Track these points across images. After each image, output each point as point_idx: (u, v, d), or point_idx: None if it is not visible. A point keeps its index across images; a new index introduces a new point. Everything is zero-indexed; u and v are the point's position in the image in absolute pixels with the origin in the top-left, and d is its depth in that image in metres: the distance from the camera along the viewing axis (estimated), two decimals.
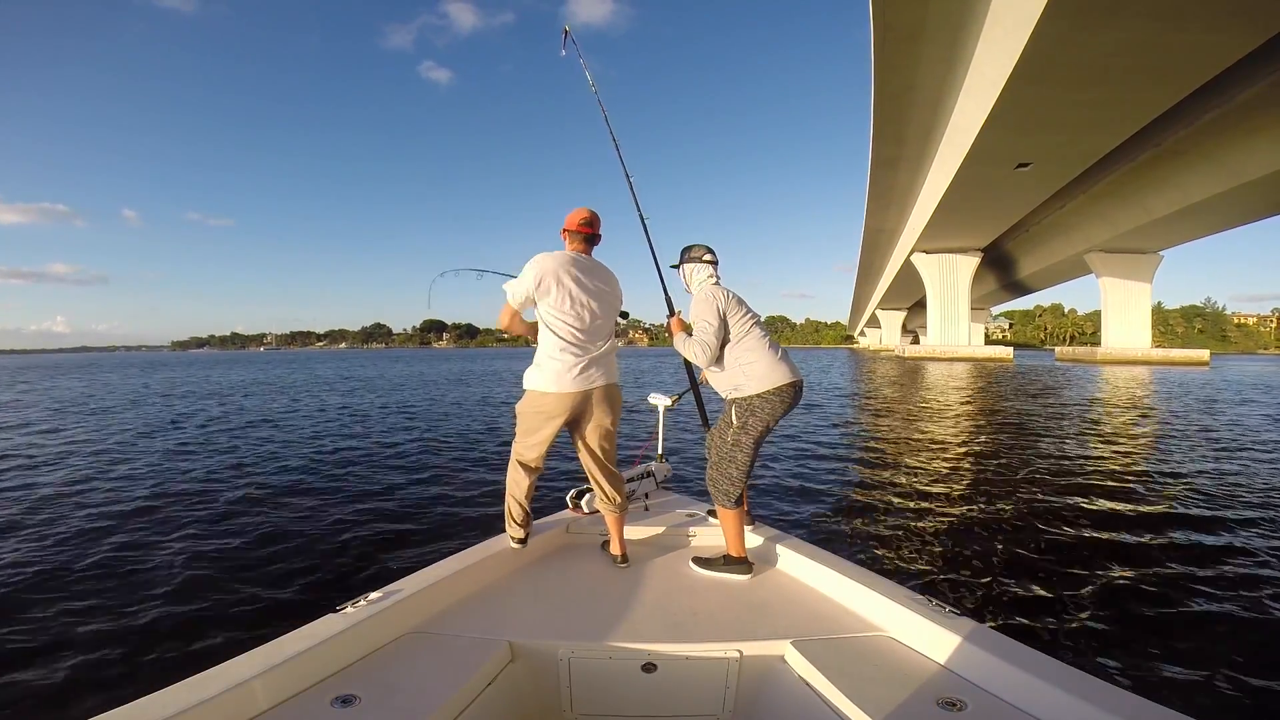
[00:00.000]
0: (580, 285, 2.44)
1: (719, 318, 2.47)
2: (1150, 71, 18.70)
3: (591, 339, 2.46)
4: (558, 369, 2.38)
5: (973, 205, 34.14)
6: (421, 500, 5.82)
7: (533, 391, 2.43)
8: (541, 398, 2.41)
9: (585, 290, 2.44)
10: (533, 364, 2.46)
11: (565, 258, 2.46)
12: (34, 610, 3.41)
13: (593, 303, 2.46)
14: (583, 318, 2.42)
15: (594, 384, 2.44)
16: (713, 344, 2.47)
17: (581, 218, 2.56)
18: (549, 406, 2.40)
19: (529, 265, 2.42)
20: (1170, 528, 4.94)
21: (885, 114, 28.71)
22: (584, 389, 2.41)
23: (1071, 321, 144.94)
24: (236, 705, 1.45)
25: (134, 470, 7.37)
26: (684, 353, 2.61)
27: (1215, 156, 28.44)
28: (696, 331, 2.51)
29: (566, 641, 1.92)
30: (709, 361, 2.51)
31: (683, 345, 2.61)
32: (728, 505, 2.47)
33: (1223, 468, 7.48)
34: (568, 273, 2.42)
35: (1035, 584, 3.80)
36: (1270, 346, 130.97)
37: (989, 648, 1.65)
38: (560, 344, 2.40)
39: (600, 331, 2.50)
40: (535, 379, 2.42)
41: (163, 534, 4.78)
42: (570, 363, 2.38)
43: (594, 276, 2.50)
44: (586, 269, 2.49)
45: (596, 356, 2.46)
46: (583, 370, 2.40)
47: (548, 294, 2.39)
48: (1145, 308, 48.05)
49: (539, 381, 2.41)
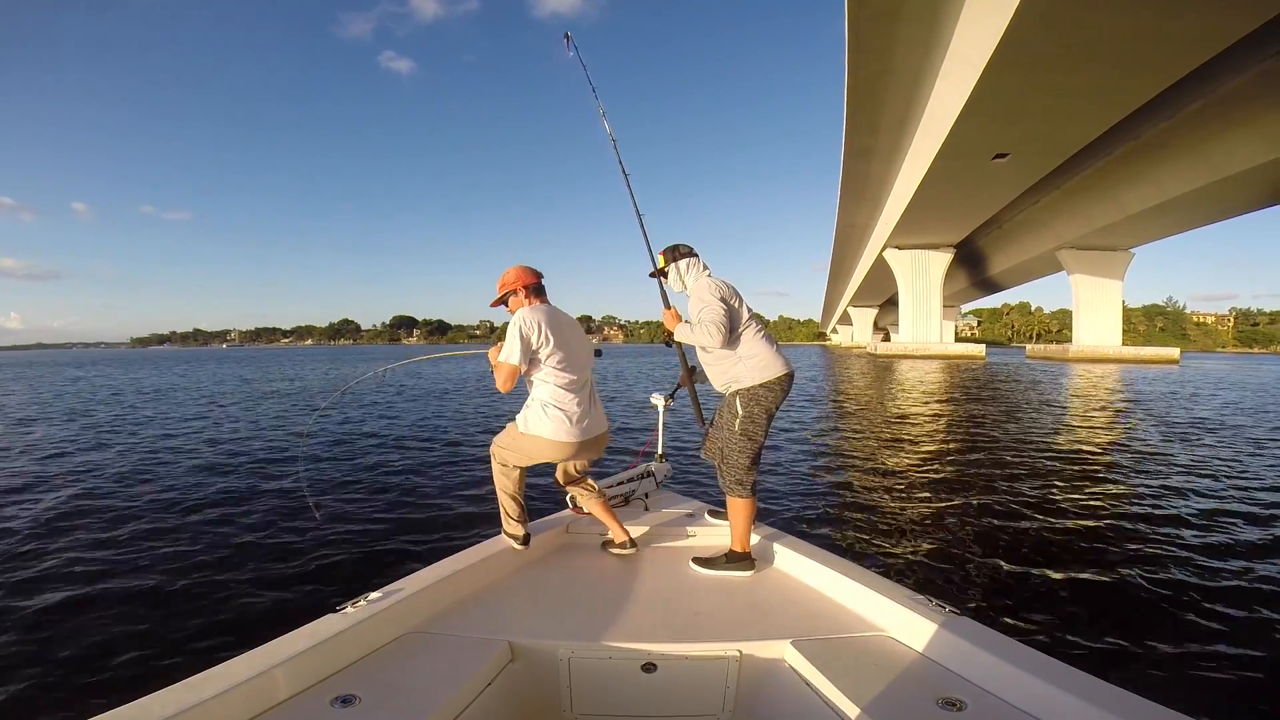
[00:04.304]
0: (566, 335, 2.54)
1: (724, 302, 2.50)
2: (1138, 57, 17.75)
3: (583, 386, 2.58)
4: (560, 418, 2.47)
5: (947, 199, 33.36)
6: (421, 500, 5.78)
7: (535, 437, 2.49)
8: (541, 443, 2.49)
9: (571, 339, 2.55)
10: (532, 407, 2.52)
11: (544, 310, 2.54)
12: (34, 610, 3.41)
13: (578, 351, 2.58)
14: (573, 366, 2.52)
15: (590, 434, 2.56)
16: (723, 323, 2.46)
17: (531, 272, 2.65)
18: (545, 452, 2.52)
19: (521, 324, 2.45)
20: (1173, 527, 4.89)
21: (859, 99, 27.36)
22: (583, 439, 2.52)
23: (1038, 319, 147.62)
24: (236, 705, 1.44)
25: (132, 470, 7.31)
26: (691, 339, 2.59)
27: (1195, 150, 27.82)
28: (703, 313, 2.50)
29: (566, 641, 1.92)
30: (721, 342, 2.47)
31: (688, 333, 2.60)
32: (741, 495, 2.50)
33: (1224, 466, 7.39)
34: (553, 325, 2.49)
35: (1036, 584, 3.80)
36: (1228, 345, 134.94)
37: (989, 648, 1.66)
38: (559, 394, 2.49)
39: (587, 376, 2.63)
40: (538, 425, 2.49)
41: (162, 534, 4.75)
42: (573, 413, 2.49)
43: (572, 327, 2.62)
44: (564, 320, 2.60)
45: (591, 404, 2.61)
46: (581, 419, 2.51)
47: (545, 345, 2.46)
48: (1116, 305, 48.08)
49: (542, 429, 2.48)
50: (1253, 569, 4.00)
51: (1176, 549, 4.37)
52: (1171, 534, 4.71)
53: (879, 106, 28.05)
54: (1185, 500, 5.75)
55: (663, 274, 2.77)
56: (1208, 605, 3.46)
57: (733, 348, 2.52)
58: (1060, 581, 3.81)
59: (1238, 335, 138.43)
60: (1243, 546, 4.43)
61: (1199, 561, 4.13)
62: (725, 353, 2.53)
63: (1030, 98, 20.60)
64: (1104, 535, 4.70)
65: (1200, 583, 3.78)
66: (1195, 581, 3.80)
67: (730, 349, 2.52)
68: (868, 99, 27.34)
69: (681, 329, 2.65)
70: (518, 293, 2.60)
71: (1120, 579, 3.86)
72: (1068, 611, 3.43)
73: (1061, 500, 5.75)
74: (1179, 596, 3.59)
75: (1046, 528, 4.87)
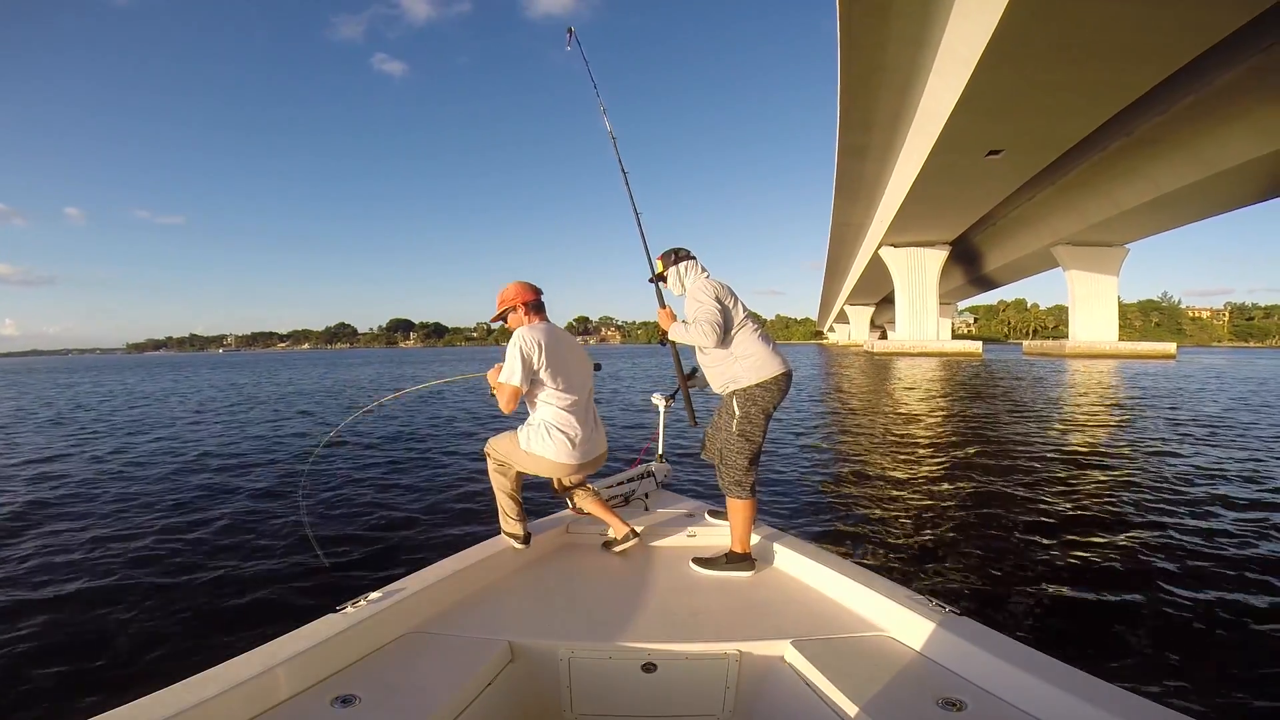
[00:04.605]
0: (566, 355, 2.55)
1: (718, 302, 2.50)
2: (1130, 51, 17.74)
3: (585, 407, 2.60)
4: (563, 440, 2.50)
5: (942, 196, 33.36)
6: (421, 500, 5.75)
7: (538, 457, 2.51)
8: (543, 462, 2.52)
9: (571, 360, 2.57)
10: (535, 427, 2.53)
11: (544, 329, 2.53)
12: (33, 610, 3.40)
13: (578, 371, 2.59)
14: (574, 387, 2.54)
15: (589, 456, 2.59)
16: (718, 322, 2.46)
17: (531, 289, 2.65)
18: (545, 470, 2.57)
19: (521, 344, 2.44)
20: (1175, 528, 4.82)
21: (852, 97, 27.29)
22: (583, 461, 2.56)
23: (1034, 316, 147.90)
24: (237, 705, 1.45)
25: (129, 470, 7.31)
26: (686, 339, 2.58)
27: (1188, 145, 27.86)
28: (697, 313, 2.50)
29: (566, 641, 1.92)
30: (716, 341, 2.47)
31: (683, 332, 2.58)
32: (741, 496, 2.49)
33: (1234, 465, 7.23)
34: (554, 344, 2.50)
35: (1036, 583, 3.78)
36: (1223, 340, 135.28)
37: (989, 648, 1.65)
38: (561, 415, 2.51)
39: (588, 396, 2.65)
40: (541, 446, 2.50)
41: (162, 535, 4.74)
42: (575, 435, 2.51)
43: (571, 347, 2.63)
44: (564, 339, 2.60)
45: (594, 426, 2.64)
46: (583, 441, 2.54)
47: (545, 367, 2.46)
48: (1112, 301, 48.16)
49: (545, 450, 2.50)
50: (1255, 569, 3.94)
51: (1178, 550, 4.33)
52: (1173, 535, 4.65)
53: (872, 104, 27.96)
54: (1188, 500, 5.65)
55: (661, 279, 2.77)
56: (1208, 605, 3.42)
57: (728, 347, 2.51)
58: (1060, 582, 3.78)
59: (1233, 330, 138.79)
60: (1246, 547, 4.38)
61: (1200, 562, 4.08)
62: (722, 353, 2.53)
63: (1023, 93, 20.57)
64: (1104, 535, 4.65)
65: (1201, 583, 3.74)
66: (1196, 582, 3.75)
67: (725, 349, 2.51)
68: (861, 96, 27.25)
69: (676, 329, 2.64)
70: (517, 309, 2.61)
71: (1121, 579, 3.81)
72: (1068, 611, 3.40)
73: (1062, 500, 5.68)
74: (1180, 596, 3.54)
75: (1047, 528, 4.82)
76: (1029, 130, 23.89)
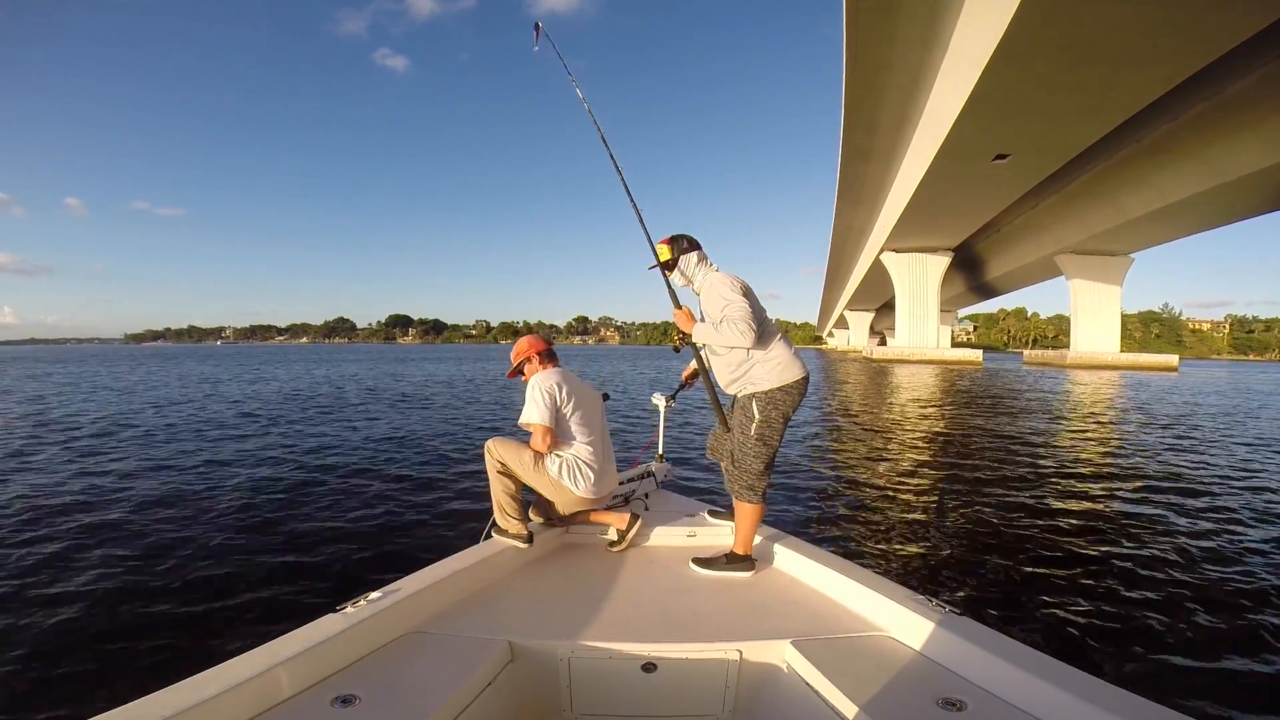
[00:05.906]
0: (581, 396, 2.72)
1: (747, 298, 2.37)
2: (1141, 55, 17.30)
3: (602, 443, 2.76)
4: (590, 477, 2.65)
5: (946, 202, 32.92)
6: (421, 500, 5.74)
7: (564, 489, 2.63)
8: (566, 494, 2.65)
9: (585, 399, 2.73)
10: (568, 461, 2.64)
11: (559, 373, 2.71)
12: (33, 609, 3.37)
13: (592, 410, 2.77)
14: (591, 424, 2.71)
15: (603, 492, 2.74)
16: (753, 320, 2.31)
17: (542, 340, 2.88)
18: (565, 501, 2.69)
19: (541, 385, 2.61)
20: (1175, 531, 4.86)
21: (857, 96, 26.82)
22: (598, 496, 2.71)
23: (1035, 325, 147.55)
24: (236, 705, 1.44)
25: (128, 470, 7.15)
26: (716, 339, 2.41)
27: (1197, 154, 27.44)
28: (729, 310, 2.34)
29: (566, 641, 1.92)
30: (753, 340, 2.33)
31: (710, 333, 2.41)
32: (751, 501, 2.45)
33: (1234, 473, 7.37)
34: (569, 387, 2.66)
35: (1036, 583, 3.77)
36: (1223, 352, 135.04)
37: (989, 648, 1.65)
38: (586, 451, 2.66)
39: (604, 431, 2.81)
40: (572, 480, 2.63)
41: (162, 534, 4.68)
42: (598, 471, 2.67)
43: (583, 389, 2.78)
44: (576, 382, 2.76)
45: (609, 460, 2.80)
46: (600, 477, 2.69)
47: (567, 404, 2.62)
48: (1115, 311, 47.70)
49: (575, 485, 2.63)
50: (1255, 571, 4.00)
51: (1178, 551, 4.37)
52: (1174, 537, 4.71)
53: (877, 105, 27.54)
54: (1189, 505, 5.71)
55: (669, 266, 2.54)
56: (1209, 606, 3.46)
57: (761, 347, 2.38)
58: (1061, 582, 3.81)
59: (1233, 342, 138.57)
60: (1246, 550, 4.44)
61: (1201, 563, 4.14)
62: (740, 353, 2.41)
63: (1032, 97, 20.14)
64: (1105, 536, 4.70)
65: (1201, 584, 3.79)
66: (1197, 583, 3.80)
67: (755, 348, 2.38)
68: (866, 96, 26.81)
69: (701, 329, 2.46)
70: (532, 359, 2.81)
71: (1121, 580, 3.84)
72: (1067, 611, 3.42)
73: (1062, 502, 5.73)
74: (1180, 597, 3.58)
75: (1047, 529, 4.86)
76: (1036, 134, 23.45)
